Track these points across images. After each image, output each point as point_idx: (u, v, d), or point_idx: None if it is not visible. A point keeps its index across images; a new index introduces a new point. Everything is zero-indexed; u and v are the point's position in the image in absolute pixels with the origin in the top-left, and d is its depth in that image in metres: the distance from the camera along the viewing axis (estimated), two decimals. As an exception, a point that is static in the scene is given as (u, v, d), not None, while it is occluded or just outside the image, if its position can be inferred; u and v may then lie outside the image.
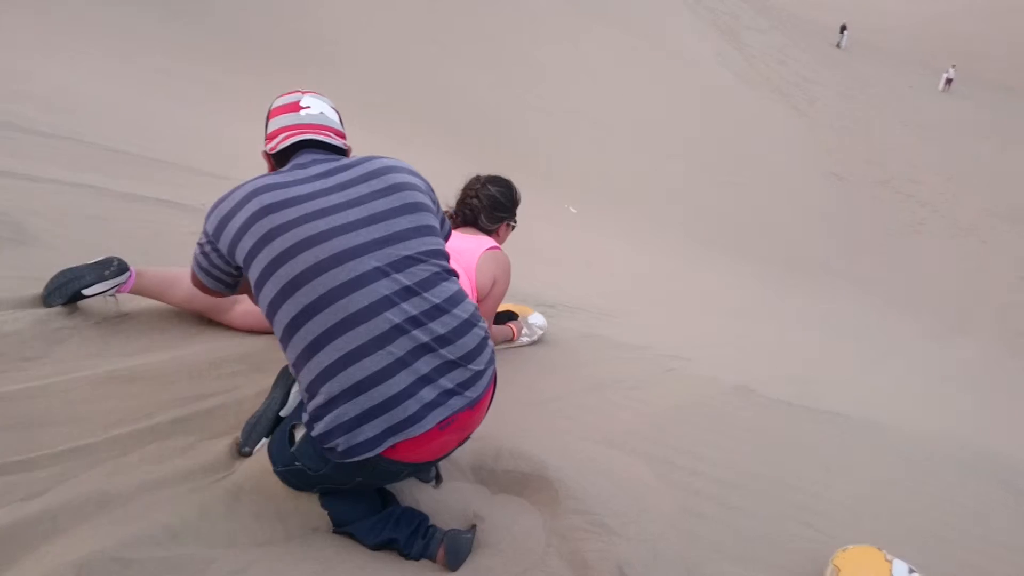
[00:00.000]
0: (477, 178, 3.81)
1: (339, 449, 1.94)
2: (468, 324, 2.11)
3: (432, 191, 2.36)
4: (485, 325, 2.22)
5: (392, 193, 2.17)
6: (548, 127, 19.19)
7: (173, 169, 5.70)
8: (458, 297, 2.13)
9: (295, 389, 2.45)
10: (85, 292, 2.75)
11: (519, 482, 2.70)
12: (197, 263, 2.30)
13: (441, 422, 2.01)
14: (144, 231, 3.83)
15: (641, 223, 16.18)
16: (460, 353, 2.06)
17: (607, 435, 3.24)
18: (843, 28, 37.74)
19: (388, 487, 2.36)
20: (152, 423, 2.32)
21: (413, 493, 2.42)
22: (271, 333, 2.23)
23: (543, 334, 4.39)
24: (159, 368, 2.64)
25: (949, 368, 12.41)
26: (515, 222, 3.88)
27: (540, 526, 2.46)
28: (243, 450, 2.35)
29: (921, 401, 8.01)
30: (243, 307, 3.13)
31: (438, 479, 2.61)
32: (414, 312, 2.00)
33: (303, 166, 2.23)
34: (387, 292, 1.98)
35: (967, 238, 21.98)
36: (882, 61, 37.64)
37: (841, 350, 10.47)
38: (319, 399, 1.95)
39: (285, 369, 2.54)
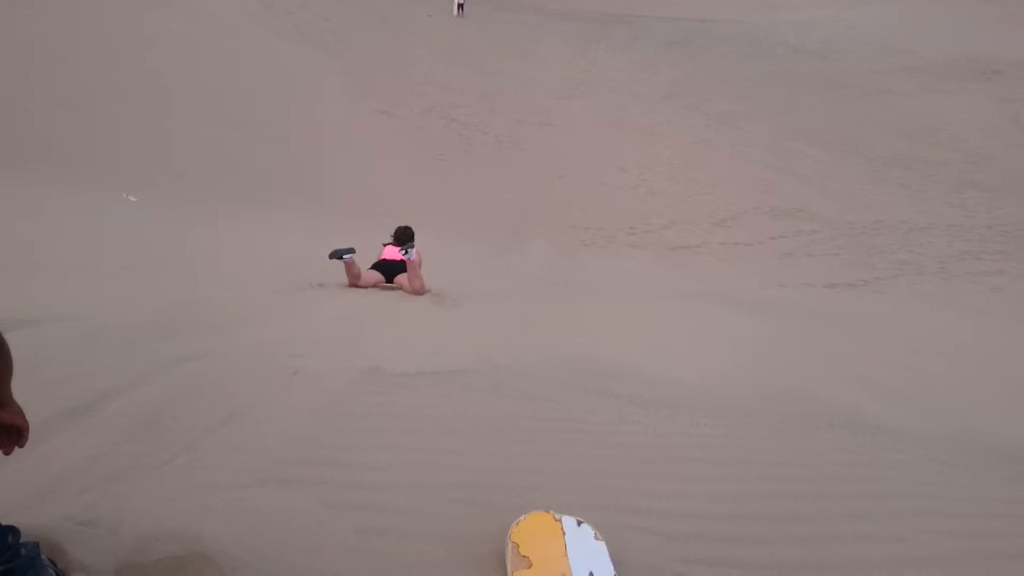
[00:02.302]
0: (399, 227, 9.16)
1: None
2: None
3: None
4: None
5: None
6: (89, 115, 17.03)
7: None
8: None
9: None
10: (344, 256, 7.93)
11: (177, 568, 2.32)
12: None
13: None
14: None
15: (208, 199, 15.13)
16: None
17: (256, 472, 2.97)
18: (356, -33, 38.42)
19: None
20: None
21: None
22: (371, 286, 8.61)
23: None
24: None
25: (522, 278, 13.36)
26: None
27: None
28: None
29: (527, 329, 7.91)
30: (364, 279, 8.45)
31: None
32: None
33: None
34: None
35: (510, 150, 23.86)
36: (399, -6, 39.15)
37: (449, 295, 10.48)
38: None
39: None
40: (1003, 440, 5.37)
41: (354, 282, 8.32)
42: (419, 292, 8.44)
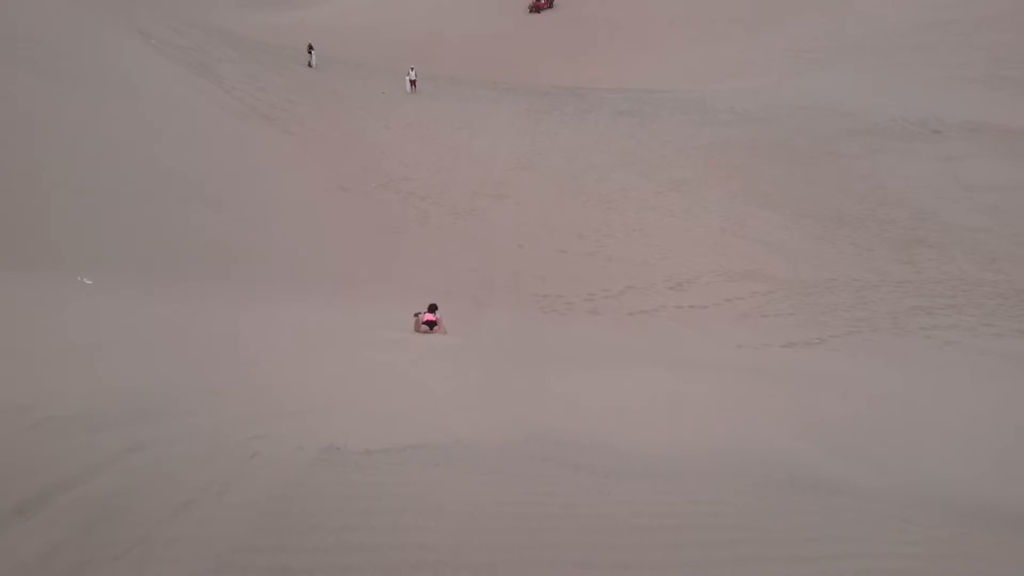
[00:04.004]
0: (430, 303, 13.47)
1: None
2: None
3: None
4: None
5: None
6: (43, 199, 16.79)
7: None
8: None
9: None
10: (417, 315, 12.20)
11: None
12: None
13: None
14: None
15: (168, 279, 14.95)
16: None
17: (213, 562, 2.83)
18: (310, 48, 38.92)
19: None
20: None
21: None
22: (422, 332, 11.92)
23: None
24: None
25: (483, 347, 13.39)
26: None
27: None
28: None
29: (489, 399, 7.82)
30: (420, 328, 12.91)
31: None
32: None
33: None
34: None
35: (467, 221, 24.03)
36: (353, 73, 39.71)
37: (420, 371, 10.41)
38: None
39: None
40: (957, 493, 5.44)
41: (416, 329, 13.09)
42: (444, 333, 13.17)
